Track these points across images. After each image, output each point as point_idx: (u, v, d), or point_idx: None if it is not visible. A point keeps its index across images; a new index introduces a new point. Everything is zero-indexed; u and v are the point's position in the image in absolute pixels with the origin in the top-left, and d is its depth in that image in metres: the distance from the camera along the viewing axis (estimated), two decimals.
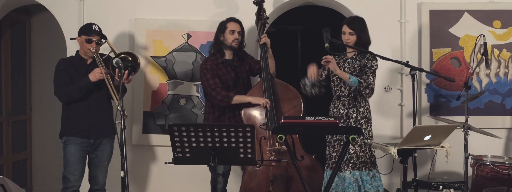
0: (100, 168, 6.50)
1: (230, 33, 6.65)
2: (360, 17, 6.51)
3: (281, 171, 6.35)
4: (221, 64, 6.67)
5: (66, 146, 6.34)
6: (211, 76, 6.56)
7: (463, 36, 7.48)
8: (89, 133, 6.34)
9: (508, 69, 7.48)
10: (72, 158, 6.30)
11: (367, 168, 6.28)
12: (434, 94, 7.52)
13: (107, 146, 6.51)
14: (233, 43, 6.66)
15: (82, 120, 6.33)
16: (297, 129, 5.23)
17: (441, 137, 5.54)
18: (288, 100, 6.65)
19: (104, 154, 6.48)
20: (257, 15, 6.89)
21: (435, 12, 7.49)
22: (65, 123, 6.46)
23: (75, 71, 6.33)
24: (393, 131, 7.56)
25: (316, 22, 9.12)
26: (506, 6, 7.49)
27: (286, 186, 6.34)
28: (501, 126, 7.48)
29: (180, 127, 4.73)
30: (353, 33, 6.35)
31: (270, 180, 6.33)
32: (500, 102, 7.50)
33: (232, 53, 6.77)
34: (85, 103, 6.33)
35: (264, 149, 6.42)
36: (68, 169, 6.31)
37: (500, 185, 6.28)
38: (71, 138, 6.34)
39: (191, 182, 7.56)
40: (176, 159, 4.90)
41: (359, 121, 6.35)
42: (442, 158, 6.20)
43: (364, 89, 6.23)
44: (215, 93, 6.50)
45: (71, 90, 6.21)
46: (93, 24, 6.33)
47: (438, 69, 7.47)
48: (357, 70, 6.36)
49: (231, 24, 6.70)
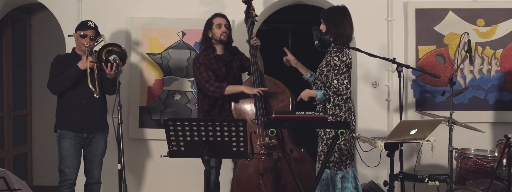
0: (94, 162, 6.49)
1: (217, 28, 6.64)
2: (338, 7, 6.34)
3: (271, 165, 6.34)
4: (213, 59, 6.65)
5: (60, 140, 6.34)
6: (205, 69, 6.55)
7: (448, 34, 7.48)
8: (81, 127, 6.33)
9: (491, 66, 7.49)
10: (66, 152, 6.30)
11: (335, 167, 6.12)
12: (420, 90, 7.52)
13: (101, 141, 6.50)
14: (221, 36, 6.63)
15: (74, 114, 6.33)
16: (288, 123, 5.24)
17: (426, 131, 5.53)
18: (277, 95, 6.63)
19: (98, 148, 6.47)
20: (246, 13, 6.85)
21: (420, 10, 7.49)
22: (58, 117, 6.46)
23: (69, 66, 6.31)
24: (381, 126, 7.55)
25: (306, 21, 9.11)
26: (489, 5, 7.49)
27: (276, 179, 6.34)
28: (484, 120, 7.48)
29: (175, 122, 4.73)
30: (322, 23, 6.21)
31: (260, 173, 6.33)
32: (483, 97, 7.50)
33: (223, 48, 6.76)
34: (78, 97, 6.33)
35: (254, 143, 6.42)
36: (63, 163, 6.31)
37: (483, 178, 6.29)
38: (64, 132, 6.33)
39: (186, 174, 7.56)
40: (171, 153, 4.90)
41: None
42: (427, 152, 6.20)
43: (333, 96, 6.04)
44: (208, 85, 6.48)
45: (61, 79, 6.22)
46: (89, 21, 6.36)
47: (424, 65, 7.47)
48: (323, 65, 6.20)
49: (217, 19, 6.70)
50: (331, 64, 6.06)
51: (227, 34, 6.68)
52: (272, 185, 6.33)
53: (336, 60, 6.03)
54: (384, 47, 7.51)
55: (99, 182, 6.57)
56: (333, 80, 6.00)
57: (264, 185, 6.31)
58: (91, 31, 6.31)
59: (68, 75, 6.20)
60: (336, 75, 6.00)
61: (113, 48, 6.15)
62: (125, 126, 7.18)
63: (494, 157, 6.33)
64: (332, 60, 6.05)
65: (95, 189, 6.57)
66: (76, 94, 6.32)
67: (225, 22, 6.70)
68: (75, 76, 6.21)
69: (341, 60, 6.03)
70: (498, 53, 7.49)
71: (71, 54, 6.53)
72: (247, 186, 6.41)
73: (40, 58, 9.19)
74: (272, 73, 6.80)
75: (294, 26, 10.72)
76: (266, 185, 6.32)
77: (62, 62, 6.40)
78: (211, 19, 6.74)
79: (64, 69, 6.31)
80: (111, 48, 6.13)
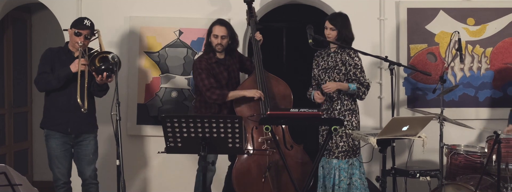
0: (85, 161, 6.24)
1: (214, 37, 6.56)
2: (344, 14, 6.50)
3: (277, 158, 6.36)
4: (214, 63, 6.58)
5: (47, 141, 6.16)
6: (206, 76, 6.45)
7: (439, 32, 7.49)
8: (67, 128, 6.11)
9: (481, 64, 7.49)
10: (54, 152, 6.12)
11: (346, 157, 6.31)
12: (411, 87, 7.53)
13: (90, 141, 6.26)
14: (216, 47, 6.56)
15: (61, 113, 6.11)
16: (283, 120, 5.25)
17: (418, 128, 5.54)
18: (280, 92, 6.68)
19: (87, 149, 6.23)
20: (248, 13, 6.87)
21: (412, 10, 7.49)
22: (45, 114, 6.26)
23: (59, 61, 6.12)
24: (373, 122, 7.57)
25: (300, 20, 9.11)
26: (479, 4, 7.50)
27: (281, 172, 6.38)
28: (474, 117, 7.49)
29: (172, 118, 4.74)
30: (334, 29, 6.35)
31: (268, 166, 6.35)
32: (473, 95, 7.50)
33: (223, 53, 6.69)
34: (67, 97, 6.09)
35: (256, 138, 6.44)
36: (52, 163, 6.16)
37: (473, 173, 6.29)
38: (51, 133, 6.14)
39: (183, 169, 7.56)
40: (168, 149, 4.92)
41: (342, 112, 6.36)
42: (419, 148, 6.22)
43: (364, 91, 6.36)
44: (210, 93, 6.41)
45: (50, 79, 5.99)
46: (85, 19, 6.10)
47: (415, 63, 7.48)
48: (340, 65, 6.37)
49: (215, 28, 6.58)
50: (351, 63, 6.36)
51: (223, 47, 6.59)
52: (277, 178, 6.37)
53: (356, 60, 6.39)
54: (376, 45, 7.52)
55: (95, 182, 6.35)
56: (360, 77, 6.36)
57: (270, 177, 6.35)
58: (86, 31, 6.03)
59: (58, 77, 5.96)
60: (360, 73, 6.37)
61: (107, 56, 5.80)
62: (123, 122, 7.18)
63: (484, 153, 6.33)
64: (353, 60, 6.37)
65: (91, 189, 6.33)
66: (64, 93, 6.09)
67: (223, 33, 6.55)
68: (65, 77, 5.96)
69: (360, 59, 6.39)
70: (488, 52, 7.49)
71: (63, 48, 6.28)
72: (248, 180, 6.41)
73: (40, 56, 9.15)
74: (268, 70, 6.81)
75: (289, 25, 10.71)
76: (272, 178, 6.36)
77: (53, 57, 6.17)
78: (211, 27, 6.62)
79: (53, 65, 6.11)
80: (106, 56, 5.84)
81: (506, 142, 5.81)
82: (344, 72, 6.37)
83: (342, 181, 6.29)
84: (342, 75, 6.37)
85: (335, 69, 6.35)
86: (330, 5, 7.54)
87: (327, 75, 6.38)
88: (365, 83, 6.37)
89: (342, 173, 6.29)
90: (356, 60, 6.37)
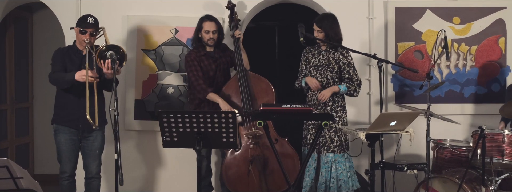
0: (91, 157, 6.26)
1: (205, 33, 6.67)
2: (330, 15, 6.54)
3: (258, 153, 6.46)
4: (203, 56, 6.70)
5: (56, 135, 6.17)
6: (195, 68, 6.62)
7: (426, 31, 7.49)
8: (78, 124, 6.12)
9: (466, 61, 7.49)
10: (62, 146, 6.14)
11: (341, 151, 6.37)
12: (399, 84, 7.53)
13: (98, 136, 6.27)
14: (208, 42, 6.70)
15: (72, 110, 6.11)
16: (275, 115, 5.25)
17: (405, 123, 5.55)
18: (261, 90, 6.74)
19: (94, 144, 6.24)
20: (230, 18, 6.96)
21: (400, 9, 7.49)
22: (56, 111, 6.27)
23: (70, 61, 6.13)
24: (362, 118, 7.57)
25: (292, 18, 9.09)
26: (465, 3, 7.51)
27: (264, 165, 6.46)
28: (460, 113, 7.50)
29: (169, 114, 4.73)
30: (320, 31, 6.41)
31: (250, 160, 6.42)
32: (459, 91, 7.51)
33: (213, 46, 6.79)
34: (77, 94, 6.08)
35: (241, 134, 6.53)
36: (60, 157, 6.18)
37: (458, 167, 6.33)
38: (60, 127, 6.16)
39: (179, 162, 7.56)
40: (164, 143, 4.92)
41: (335, 109, 6.40)
42: (406, 142, 6.22)
43: (355, 89, 6.48)
44: (196, 84, 6.57)
45: (59, 80, 6.01)
46: (88, 17, 6.07)
47: (403, 61, 7.48)
48: (333, 63, 6.43)
49: (206, 24, 6.69)
50: (345, 62, 6.50)
51: (215, 40, 6.73)
52: (260, 171, 6.43)
53: (350, 59, 6.54)
54: (365, 43, 7.52)
55: (98, 177, 6.38)
56: (353, 76, 6.48)
57: (253, 171, 6.41)
58: (91, 29, 6.02)
59: (63, 80, 5.96)
60: (353, 71, 6.53)
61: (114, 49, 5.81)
62: (121, 118, 7.18)
63: (469, 147, 6.36)
64: (346, 59, 6.53)
65: (93, 183, 6.35)
66: (75, 91, 6.08)
67: (214, 29, 6.69)
68: (69, 82, 5.94)
69: (352, 58, 6.52)
70: (473, 49, 7.49)
71: (72, 47, 6.26)
72: (236, 173, 6.51)
73: (41, 54, 9.17)
74: (258, 69, 6.89)
75: (281, 23, 10.69)
76: (255, 171, 6.42)
77: (63, 56, 6.15)
78: (201, 22, 6.73)
79: (64, 64, 6.11)
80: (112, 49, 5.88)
81: (490, 137, 5.83)
82: (337, 71, 6.44)
83: (341, 174, 6.37)
84: (335, 74, 6.44)
85: (328, 68, 6.41)
86: (320, 5, 7.53)
87: (319, 72, 6.41)
88: (357, 81, 6.47)
89: (339, 166, 6.36)
90: (349, 59, 6.48)
